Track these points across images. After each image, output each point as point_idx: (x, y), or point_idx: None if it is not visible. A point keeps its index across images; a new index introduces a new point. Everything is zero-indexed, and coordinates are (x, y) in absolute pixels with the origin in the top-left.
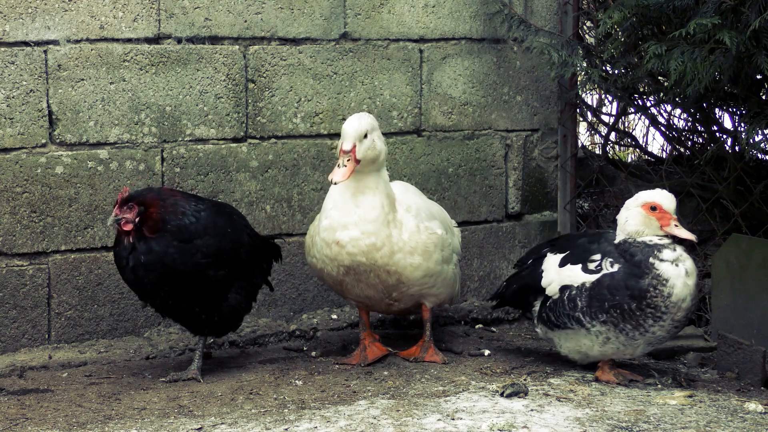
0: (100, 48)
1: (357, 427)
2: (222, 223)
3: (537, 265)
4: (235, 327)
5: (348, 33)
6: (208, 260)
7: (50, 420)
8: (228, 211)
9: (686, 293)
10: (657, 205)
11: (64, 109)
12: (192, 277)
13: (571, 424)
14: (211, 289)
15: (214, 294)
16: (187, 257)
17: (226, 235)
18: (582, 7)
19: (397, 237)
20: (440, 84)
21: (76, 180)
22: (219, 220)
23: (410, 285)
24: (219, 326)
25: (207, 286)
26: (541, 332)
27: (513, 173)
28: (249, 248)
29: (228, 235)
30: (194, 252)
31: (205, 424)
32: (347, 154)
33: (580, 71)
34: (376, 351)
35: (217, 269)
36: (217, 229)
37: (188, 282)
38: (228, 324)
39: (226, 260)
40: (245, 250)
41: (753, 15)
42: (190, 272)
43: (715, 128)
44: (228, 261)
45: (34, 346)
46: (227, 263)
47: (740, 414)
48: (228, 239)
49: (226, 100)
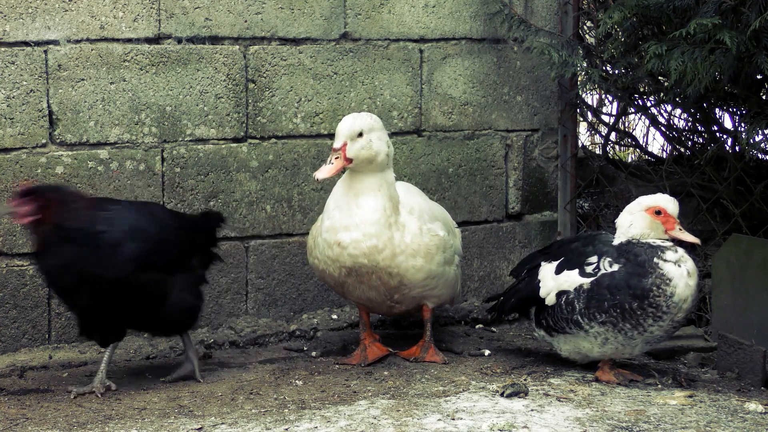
0: (101, 48)
1: (357, 427)
2: (144, 226)
3: (533, 276)
4: (187, 324)
5: (348, 33)
6: (132, 266)
7: (50, 420)
8: (150, 210)
9: (688, 293)
10: (661, 209)
11: (64, 109)
12: (110, 283)
13: (571, 424)
14: (140, 295)
15: (147, 299)
16: (102, 264)
17: (148, 239)
18: (582, 7)
19: (399, 239)
20: (440, 84)
21: (77, 180)
22: (141, 224)
23: (412, 287)
24: (166, 327)
25: (134, 293)
26: (539, 336)
27: (513, 173)
28: (181, 243)
29: (152, 237)
30: (109, 259)
31: (206, 424)
32: (336, 151)
33: (580, 71)
34: (377, 351)
35: (142, 274)
36: (137, 234)
37: (109, 289)
38: (177, 323)
39: (154, 263)
40: (175, 246)
41: (753, 15)
42: (110, 279)
43: (715, 128)
44: (155, 263)
45: (34, 346)
46: (155, 265)
47: (740, 414)
48: (152, 242)
49: (227, 100)
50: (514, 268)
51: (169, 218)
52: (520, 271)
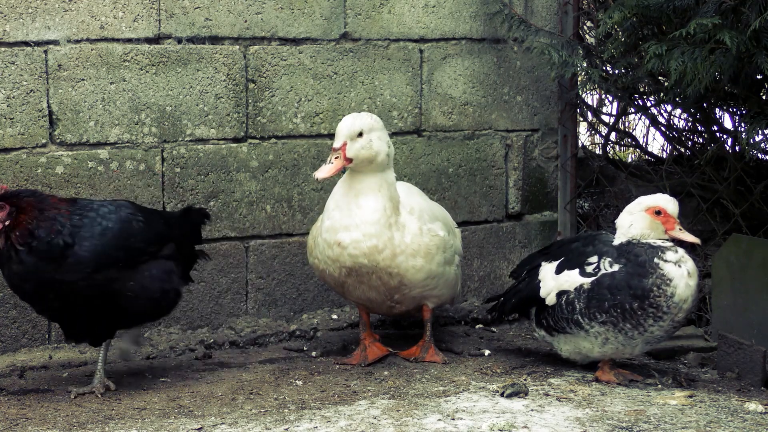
0: (101, 48)
1: (357, 427)
2: (110, 236)
3: (533, 276)
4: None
5: (348, 33)
6: (87, 268)
7: (50, 420)
8: (123, 216)
9: (688, 294)
10: (662, 209)
11: (64, 109)
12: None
13: (571, 424)
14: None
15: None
16: (59, 270)
17: (117, 249)
18: (582, 7)
19: (399, 239)
20: (440, 84)
21: (77, 180)
22: (108, 232)
23: (412, 287)
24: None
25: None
26: (540, 336)
27: (513, 173)
28: (148, 240)
29: (120, 249)
30: (64, 263)
31: (206, 424)
32: (336, 151)
33: (580, 71)
34: (377, 351)
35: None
36: (98, 245)
37: (69, 293)
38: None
39: (113, 261)
40: (142, 243)
41: (753, 15)
42: (67, 282)
43: (715, 128)
44: (114, 261)
45: (34, 346)
46: (114, 264)
47: (740, 414)
48: (120, 253)
49: (227, 100)
50: (514, 270)
51: (133, 216)
52: (519, 272)
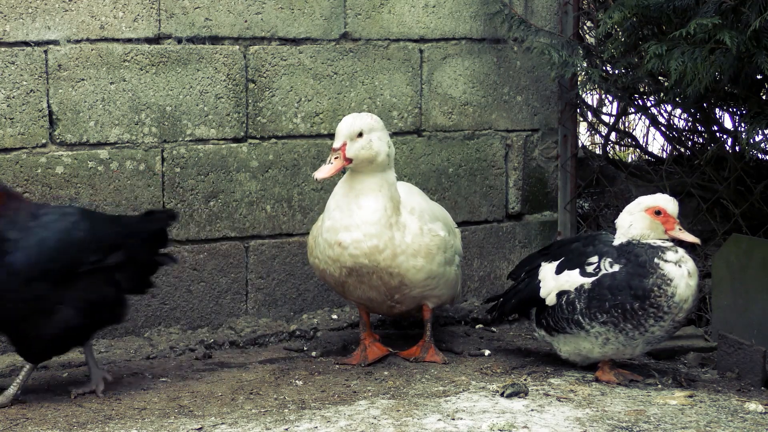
0: (101, 48)
1: (357, 427)
2: (44, 248)
3: (533, 276)
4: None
5: (348, 33)
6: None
7: (50, 420)
8: (60, 216)
9: (688, 294)
10: (661, 209)
11: (64, 109)
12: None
13: (571, 424)
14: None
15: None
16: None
17: (51, 260)
18: (582, 7)
19: (399, 239)
20: (440, 84)
21: (77, 180)
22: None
23: (413, 287)
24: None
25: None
26: (540, 337)
27: (513, 173)
28: (91, 261)
29: (54, 261)
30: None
31: (206, 424)
32: (336, 151)
33: (580, 71)
34: (377, 351)
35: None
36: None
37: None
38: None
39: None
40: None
41: (753, 15)
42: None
43: (715, 128)
44: (47, 274)
45: None
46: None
47: (740, 414)
48: (53, 265)
49: (227, 100)
50: (513, 271)
51: (74, 226)
52: (518, 273)
